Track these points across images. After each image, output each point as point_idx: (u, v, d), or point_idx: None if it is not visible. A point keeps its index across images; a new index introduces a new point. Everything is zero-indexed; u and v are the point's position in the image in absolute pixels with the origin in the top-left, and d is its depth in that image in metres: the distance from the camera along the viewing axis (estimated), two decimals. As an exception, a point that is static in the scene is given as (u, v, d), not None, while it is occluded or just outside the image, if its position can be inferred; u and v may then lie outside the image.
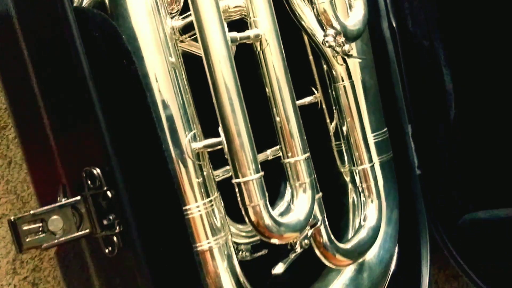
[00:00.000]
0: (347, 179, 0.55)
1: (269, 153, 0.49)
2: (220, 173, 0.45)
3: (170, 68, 0.40)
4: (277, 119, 0.44)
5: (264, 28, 0.42)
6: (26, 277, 0.60)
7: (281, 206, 0.52)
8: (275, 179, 0.52)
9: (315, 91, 0.55)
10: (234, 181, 0.39)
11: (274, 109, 0.44)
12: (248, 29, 0.42)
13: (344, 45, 0.48)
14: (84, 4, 0.40)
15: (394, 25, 0.64)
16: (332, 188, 0.54)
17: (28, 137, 0.41)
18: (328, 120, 0.56)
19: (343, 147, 0.55)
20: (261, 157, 0.49)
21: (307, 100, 0.54)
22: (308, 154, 0.44)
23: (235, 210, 0.42)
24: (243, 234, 0.48)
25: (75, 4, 0.39)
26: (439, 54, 0.65)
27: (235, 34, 0.40)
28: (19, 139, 0.42)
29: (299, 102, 0.52)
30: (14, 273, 0.59)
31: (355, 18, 0.49)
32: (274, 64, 0.42)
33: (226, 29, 0.39)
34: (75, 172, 0.36)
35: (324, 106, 0.56)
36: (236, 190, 0.39)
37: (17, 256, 0.60)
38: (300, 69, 0.53)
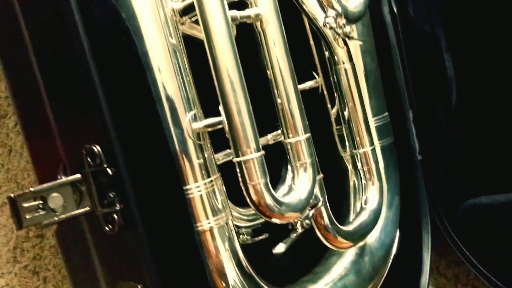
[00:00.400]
0: (348, 163, 0.55)
1: (270, 138, 0.49)
2: (221, 157, 0.45)
3: (171, 48, 0.40)
4: (278, 100, 0.43)
5: (264, 7, 0.41)
6: (26, 265, 0.59)
7: (283, 189, 0.52)
8: (277, 165, 0.52)
9: (316, 76, 0.55)
10: (234, 159, 0.39)
11: (275, 89, 0.43)
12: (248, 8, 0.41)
13: (345, 27, 0.48)
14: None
15: (395, 10, 0.64)
16: (333, 173, 0.54)
17: (28, 117, 0.41)
18: (329, 105, 0.56)
19: (344, 131, 0.54)
20: (262, 141, 0.49)
21: (308, 84, 0.54)
22: (309, 134, 0.43)
23: (236, 195, 0.42)
24: (245, 217, 0.47)
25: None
26: (441, 40, 0.65)
27: (235, 13, 0.40)
28: (19, 119, 0.42)
29: (300, 87, 0.52)
30: (15, 261, 0.59)
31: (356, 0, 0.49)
32: (275, 44, 0.42)
33: (227, 7, 0.39)
34: (75, 150, 0.36)
35: (325, 91, 0.55)
36: (237, 169, 0.39)
37: (18, 245, 0.59)
38: (301, 54, 0.53)
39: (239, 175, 0.39)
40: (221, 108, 0.39)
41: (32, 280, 0.59)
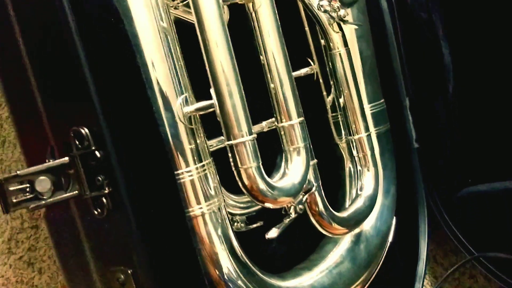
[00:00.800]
0: (344, 151, 0.55)
1: (264, 125, 0.48)
2: (214, 143, 0.44)
3: (161, 31, 0.39)
4: (271, 84, 0.43)
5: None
6: (21, 256, 0.59)
7: (277, 176, 0.52)
8: (273, 155, 0.51)
9: (311, 63, 0.55)
10: (226, 143, 0.38)
11: (268, 73, 0.43)
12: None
13: (339, 10, 0.47)
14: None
15: (392, -4, 0.63)
16: (329, 161, 0.53)
17: (15, 99, 0.40)
18: (324, 92, 0.55)
19: (339, 118, 0.54)
20: (256, 128, 0.48)
21: (303, 71, 0.53)
22: (302, 118, 0.43)
23: (230, 182, 0.41)
24: (239, 205, 0.47)
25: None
26: (438, 27, 0.64)
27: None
28: (6, 101, 0.41)
29: (295, 74, 0.51)
30: (10, 252, 0.59)
31: (350, -18, 0.49)
32: (267, 25, 0.41)
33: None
34: (63, 132, 0.35)
35: (320, 78, 0.55)
36: (229, 153, 0.38)
37: (13, 236, 0.59)
38: (296, 40, 0.53)
39: (230, 159, 0.38)
40: (212, 91, 0.38)
41: (27, 272, 0.59)
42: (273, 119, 0.45)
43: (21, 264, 0.59)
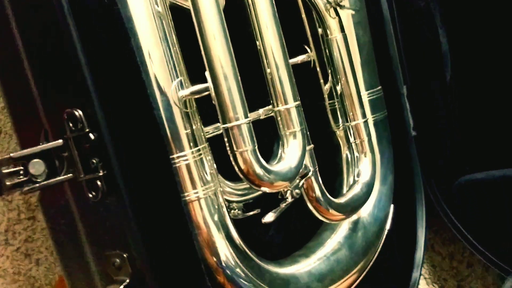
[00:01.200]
0: (341, 138, 0.54)
1: (261, 112, 0.48)
2: (211, 130, 0.44)
3: (156, 15, 0.39)
4: (267, 69, 0.42)
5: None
6: (18, 248, 0.59)
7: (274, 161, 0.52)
8: (268, 141, 0.51)
9: (308, 50, 0.54)
10: (221, 126, 0.38)
11: (264, 58, 0.42)
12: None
13: (335, -4, 0.47)
14: None
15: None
16: (325, 149, 0.53)
17: (8, 82, 0.40)
18: (321, 79, 0.55)
19: (336, 105, 0.54)
20: (252, 115, 0.48)
21: (300, 58, 0.53)
22: (298, 102, 0.43)
23: (227, 169, 0.41)
24: (236, 192, 0.47)
25: None
26: (435, 15, 0.64)
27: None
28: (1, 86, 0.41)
29: (292, 61, 0.51)
30: (7, 244, 0.59)
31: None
32: (264, 12, 0.41)
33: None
34: (56, 115, 0.35)
35: (317, 65, 0.54)
36: (224, 136, 0.38)
37: (9, 227, 0.59)
38: (293, 28, 0.52)
39: (226, 143, 0.38)
40: (207, 73, 0.38)
41: (24, 263, 0.59)
42: (270, 106, 0.45)
43: (18, 255, 0.59)
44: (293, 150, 0.41)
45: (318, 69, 0.54)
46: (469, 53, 0.64)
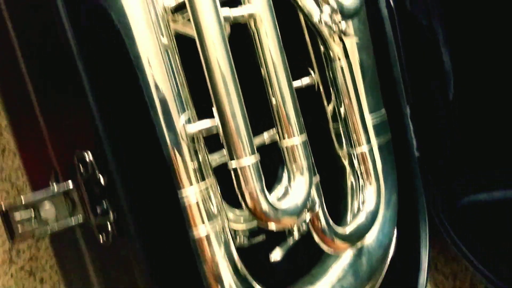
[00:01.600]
0: (345, 161, 0.54)
1: (266, 137, 0.48)
2: (217, 158, 0.44)
3: (163, 49, 0.39)
4: (273, 100, 0.43)
5: (257, 4, 0.40)
6: (23, 266, 0.59)
7: (279, 190, 0.52)
8: (273, 164, 0.51)
9: (312, 72, 0.54)
10: (229, 164, 0.38)
11: (270, 89, 0.42)
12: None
13: (340, 24, 0.47)
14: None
15: (391, 3, 0.63)
16: (330, 171, 0.53)
17: (18, 121, 0.40)
18: (325, 102, 0.55)
19: (340, 129, 0.54)
20: (257, 140, 0.48)
21: (304, 82, 0.53)
22: (305, 136, 0.43)
23: (231, 195, 0.41)
24: (241, 219, 0.47)
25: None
26: (438, 33, 0.64)
27: (228, 13, 0.39)
28: (9, 123, 0.41)
29: (296, 84, 0.51)
30: (11, 262, 0.59)
31: (352, -5, 0.48)
32: (269, 43, 0.41)
33: (219, 7, 0.37)
34: (66, 156, 0.35)
35: (321, 88, 0.55)
36: (232, 174, 0.38)
37: (14, 246, 0.59)
38: (296, 49, 0.52)
39: (234, 180, 0.38)
40: (215, 112, 0.38)
41: (29, 281, 0.59)
42: (275, 129, 0.44)
43: (22, 274, 0.59)
44: (299, 186, 0.41)
45: (322, 91, 0.55)
46: (472, 72, 0.64)
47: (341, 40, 0.50)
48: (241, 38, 0.42)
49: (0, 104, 0.46)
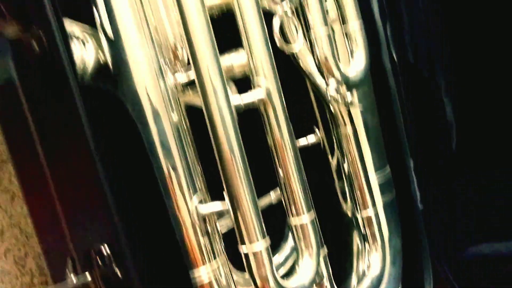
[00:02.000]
0: (350, 220, 0.55)
1: (273, 197, 0.49)
2: (225, 225, 0.45)
3: (175, 129, 0.40)
4: (281, 176, 0.44)
5: (267, 87, 0.42)
6: None
7: (285, 251, 0.53)
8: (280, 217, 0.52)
9: (317, 131, 0.55)
10: (240, 249, 0.39)
11: (278, 165, 0.44)
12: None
13: (346, 96, 0.48)
14: (88, 67, 0.39)
15: (395, 57, 0.64)
16: (335, 224, 0.54)
17: (38, 208, 0.41)
18: (330, 160, 0.56)
19: (346, 188, 0.55)
20: (264, 201, 0.49)
21: (310, 141, 0.54)
22: (313, 213, 0.44)
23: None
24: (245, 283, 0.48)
25: (78, 71, 0.39)
26: (440, 86, 0.65)
27: (239, 101, 0.40)
28: (29, 210, 0.42)
29: (301, 143, 0.52)
30: None
31: (356, 67, 0.50)
32: (278, 123, 0.42)
33: (231, 96, 0.39)
34: (83, 246, 0.36)
35: (326, 146, 0.56)
36: (243, 258, 0.39)
37: (23, 292, 0.60)
38: (303, 106, 0.54)
39: (245, 263, 0.40)
40: (226, 197, 0.39)
41: None
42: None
43: None
44: (307, 265, 0.42)
45: (327, 150, 0.56)
46: (475, 123, 0.65)
47: (347, 108, 0.51)
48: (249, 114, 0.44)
49: (21, 191, 0.47)
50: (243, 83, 0.44)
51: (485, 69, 0.64)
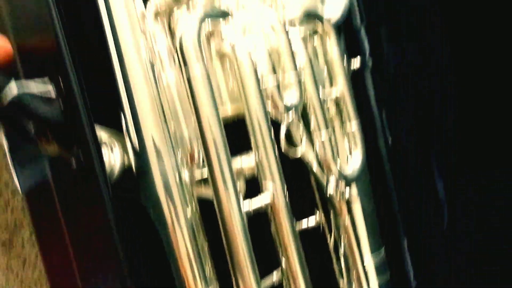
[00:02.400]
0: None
1: (275, 280, 0.53)
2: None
3: (189, 224, 0.45)
4: (283, 263, 0.48)
5: (273, 190, 0.46)
6: None
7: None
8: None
9: (317, 215, 0.59)
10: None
11: (283, 258, 0.48)
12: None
13: (344, 193, 0.53)
14: (114, 170, 0.44)
15: (389, 142, 0.68)
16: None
17: (53, 262, 0.45)
18: (329, 241, 0.60)
19: (343, 270, 0.59)
20: (267, 282, 0.53)
21: (310, 224, 0.58)
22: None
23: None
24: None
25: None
26: (433, 166, 0.69)
27: (248, 207, 0.45)
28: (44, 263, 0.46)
29: (302, 226, 0.56)
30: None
31: (354, 165, 0.54)
32: (283, 224, 0.47)
33: (242, 204, 0.43)
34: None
35: (326, 229, 0.60)
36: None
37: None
38: (303, 189, 0.58)
39: None
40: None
41: None
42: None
43: None
44: None
45: (327, 233, 0.60)
46: (465, 201, 0.68)
47: (346, 202, 0.55)
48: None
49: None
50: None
51: (485, 69, 0.65)
